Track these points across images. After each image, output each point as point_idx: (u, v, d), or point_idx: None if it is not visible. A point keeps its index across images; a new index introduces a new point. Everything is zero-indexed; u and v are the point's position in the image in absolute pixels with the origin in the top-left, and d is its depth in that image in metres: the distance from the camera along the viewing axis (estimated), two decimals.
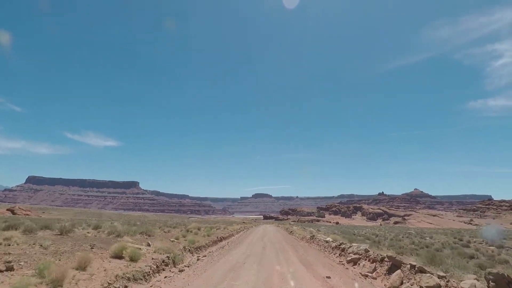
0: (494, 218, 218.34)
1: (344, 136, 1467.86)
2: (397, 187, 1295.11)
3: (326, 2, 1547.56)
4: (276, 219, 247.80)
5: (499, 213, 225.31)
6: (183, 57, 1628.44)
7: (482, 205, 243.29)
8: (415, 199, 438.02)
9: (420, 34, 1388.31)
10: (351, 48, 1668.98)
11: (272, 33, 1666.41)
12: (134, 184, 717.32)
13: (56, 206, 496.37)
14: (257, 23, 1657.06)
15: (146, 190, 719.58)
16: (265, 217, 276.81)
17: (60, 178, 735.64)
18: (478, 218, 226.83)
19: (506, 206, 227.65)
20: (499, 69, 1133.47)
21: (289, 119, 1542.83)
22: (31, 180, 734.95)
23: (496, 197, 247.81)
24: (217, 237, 22.32)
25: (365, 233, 54.19)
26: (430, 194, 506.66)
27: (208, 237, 20.93)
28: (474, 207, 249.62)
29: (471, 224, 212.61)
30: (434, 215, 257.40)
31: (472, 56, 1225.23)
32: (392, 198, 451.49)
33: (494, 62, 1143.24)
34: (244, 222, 79.61)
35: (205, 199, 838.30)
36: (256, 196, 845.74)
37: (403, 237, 39.87)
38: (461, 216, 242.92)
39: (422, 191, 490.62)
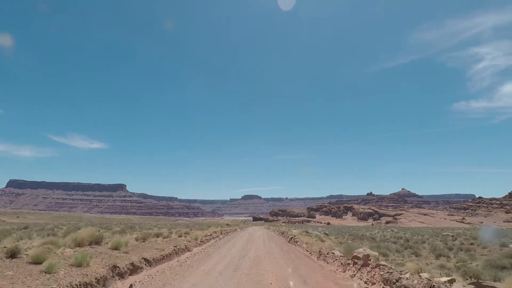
0: (485, 216, 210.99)
1: (333, 137, 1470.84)
2: (385, 187, 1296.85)
3: (319, 6, 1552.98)
4: (266, 220, 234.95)
5: (490, 211, 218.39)
6: (173, 58, 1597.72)
7: (473, 203, 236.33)
8: (403, 199, 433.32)
9: (407, 37, 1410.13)
10: (342, 50, 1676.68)
11: (265, 34, 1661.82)
12: (121, 187, 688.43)
13: (39, 210, 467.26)
14: (251, 25, 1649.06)
15: (133, 193, 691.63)
16: (255, 219, 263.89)
17: (43, 182, 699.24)
18: (469, 216, 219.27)
19: (496, 204, 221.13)
20: (481, 72, 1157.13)
21: (278, 120, 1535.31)
22: (12, 183, 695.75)
23: (479, 196, 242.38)
24: (120, 267, 8.22)
25: (382, 236, 40.69)
26: (417, 193, 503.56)
27: (77, 271, 6.89)
28: (465, 206, 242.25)
29: (463, 222, 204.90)
30: (425, 214, 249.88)
31: (456, 58, 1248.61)
32: (381, 198, 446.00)
33: (476, 65, 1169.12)
34: (228, 224, 65.06)
35: (194, 201, 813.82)
36: (246, 197, 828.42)
37: (461, 241, 26.44)
38: (452, 215, 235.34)
39: (409, 191, 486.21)
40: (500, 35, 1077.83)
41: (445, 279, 5.46)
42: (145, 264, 10.04)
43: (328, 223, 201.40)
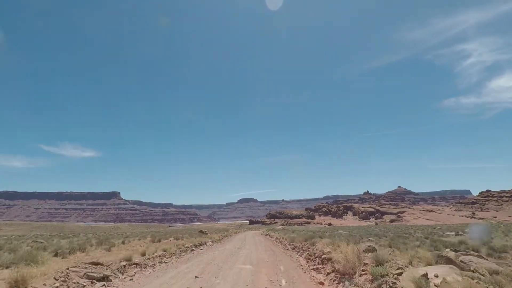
0: (497, 211, 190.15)
1: (325, 137, 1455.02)
2: (380, 186, 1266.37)
3: (306, 7, 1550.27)
4: (263, 223, 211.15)
5: (501, 204, 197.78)
6: (162, 61, 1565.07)
7: (481, 197, 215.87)
8: (400, 197, 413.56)
9: (393, 37, 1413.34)
10: (332, 50, 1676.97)
11: (252, 33, 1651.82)
12: (114, 195, 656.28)
13: (32, 221, 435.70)
14: (238, 24, 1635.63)
15: (127, 200, 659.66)
16: (251, 222, 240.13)
17: (35, 192, 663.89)
18: (479, 211, 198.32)
19: (506, 197, 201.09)
20: (469, 68, 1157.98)
21: (270, 122, 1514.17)
22: (3, 195, 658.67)
23: (474, 191, 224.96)
24: None
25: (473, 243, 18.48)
26: (413, 191, 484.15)
27: None
28: (473, 200, 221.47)
29: (474, 218, 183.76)
30: (430, 211, 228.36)
31: (443, 56, 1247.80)
32: (378, 196, 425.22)
33: (464, 61, 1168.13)
34: (202, 231, 41.34)
35: (190, 206, 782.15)
36: (242, 201, 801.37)
37: None
38: (460, 210, 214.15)
39: (405, 189, 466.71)
40: (484, 31, 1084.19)
41: None
42: None
43: (329, 224, 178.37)
